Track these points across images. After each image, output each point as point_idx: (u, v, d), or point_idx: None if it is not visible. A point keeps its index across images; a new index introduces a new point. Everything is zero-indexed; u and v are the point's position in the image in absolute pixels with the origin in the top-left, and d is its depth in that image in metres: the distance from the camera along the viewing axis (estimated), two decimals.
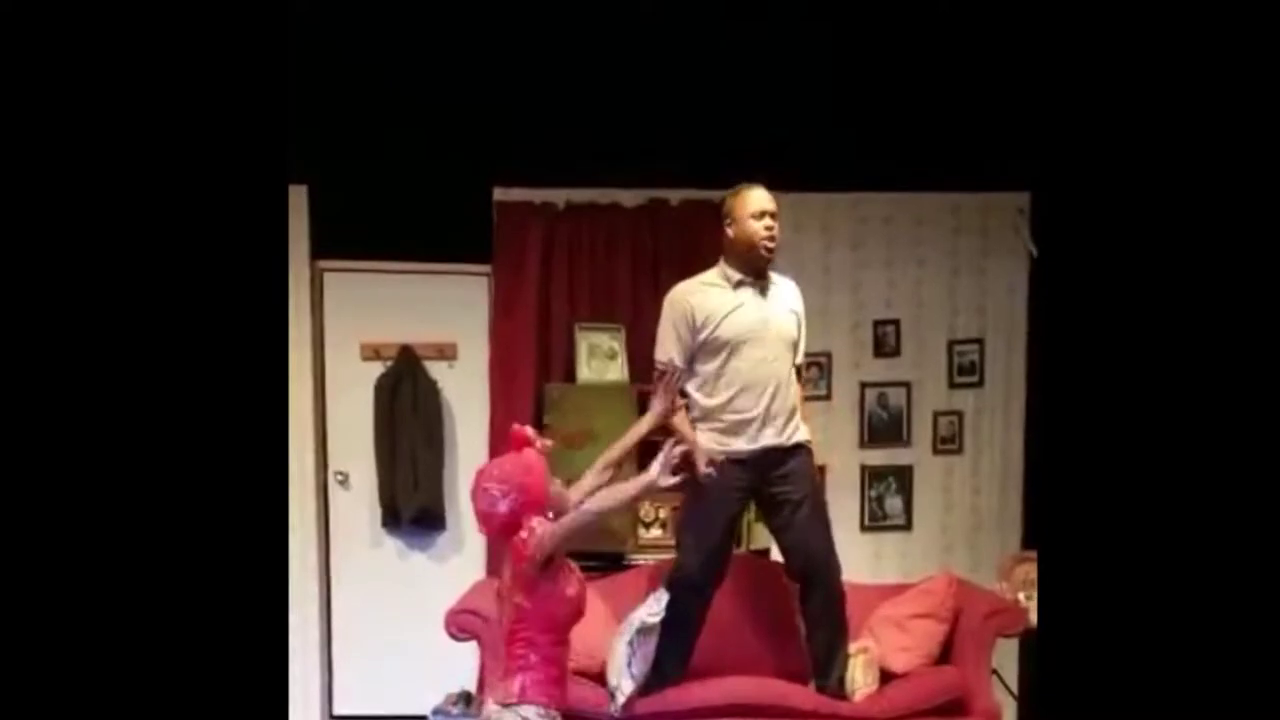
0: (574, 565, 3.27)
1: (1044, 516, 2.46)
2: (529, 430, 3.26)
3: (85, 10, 1.89)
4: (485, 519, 3.16)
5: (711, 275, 4.13)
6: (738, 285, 4.08)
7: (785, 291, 4.18)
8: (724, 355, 4.01)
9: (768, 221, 4.05)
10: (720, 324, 4.01)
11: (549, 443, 3.33)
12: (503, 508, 3.10)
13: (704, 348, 4.03)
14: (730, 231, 4.08)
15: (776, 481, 4.04)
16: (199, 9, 1.93)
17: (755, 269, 4.07)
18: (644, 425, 3.68)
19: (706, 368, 4.04)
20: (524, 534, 3.08)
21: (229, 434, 1.93)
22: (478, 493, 3.16)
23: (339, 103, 5.03)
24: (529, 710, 3.09)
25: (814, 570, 4.07)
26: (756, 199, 4.06)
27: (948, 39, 5.08)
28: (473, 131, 5.23)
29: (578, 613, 3.23)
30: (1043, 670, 2.22)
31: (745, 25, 5.05)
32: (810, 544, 4.06)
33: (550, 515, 3.16)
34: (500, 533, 3.17)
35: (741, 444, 4.00)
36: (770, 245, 4.05)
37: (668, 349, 4.08)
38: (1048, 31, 2.13)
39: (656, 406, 3.71)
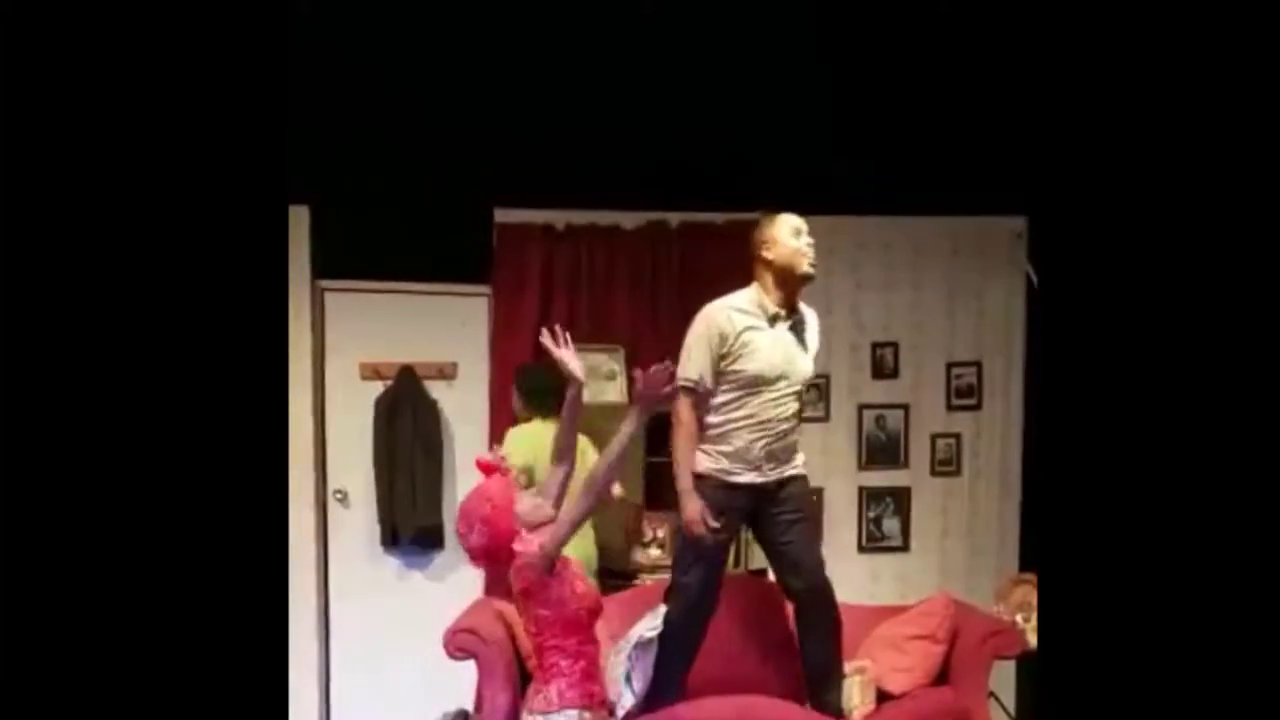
0: (572, 561, 3.37)
1: (1042, 538, 2.47)
2: (489, 456, 3.43)
3: (85, 32, 1.91)
4: (470, 556, 3.35)
5: (745, 301, 3.94)
6: (773, 319, 3.93)
7: (810, 326, 4.08)
8: (742, 390, 3.90)
9: (807, 239, 3.93)
10: (746, 357, 3.87)
11: (506, 461, 3.49)
12: (474, 541, 3.27)
13: (725, 376, 3.91)
14: (769, 255, 3.91)
15: (773, 503, 4.03)
16: (200, 28, 1.95)
17: (791, 294, 3.95)
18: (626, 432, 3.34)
19: (721, 398, 3.92)
20: (518, 561, 3.24)
21: (229, 452, 1.94)
22: (458, 535, 3.36)
23: (340, 123, 5.06)
24: (570, 714, 3.23)
25: (810, 589, 4.06)
26: (791, 219, 3.93)
27: (945, 63, 5.12)
28: (474, 153, 5.26)
29: (595, 607, 3.37)
30: (1041, 692, 2.22)
31: (745, 50, 5.09)
32: (805, 563, 4.05)
33: (524, 530, 3.29)
34: (488, 560, 3.35)
35: (739, 475, 3.95)
36: (813, 263, 3.94)
37: (698, 366, 3.89)
38: (1044, 55, 2.16)
39: (682, 430, 3.90)
